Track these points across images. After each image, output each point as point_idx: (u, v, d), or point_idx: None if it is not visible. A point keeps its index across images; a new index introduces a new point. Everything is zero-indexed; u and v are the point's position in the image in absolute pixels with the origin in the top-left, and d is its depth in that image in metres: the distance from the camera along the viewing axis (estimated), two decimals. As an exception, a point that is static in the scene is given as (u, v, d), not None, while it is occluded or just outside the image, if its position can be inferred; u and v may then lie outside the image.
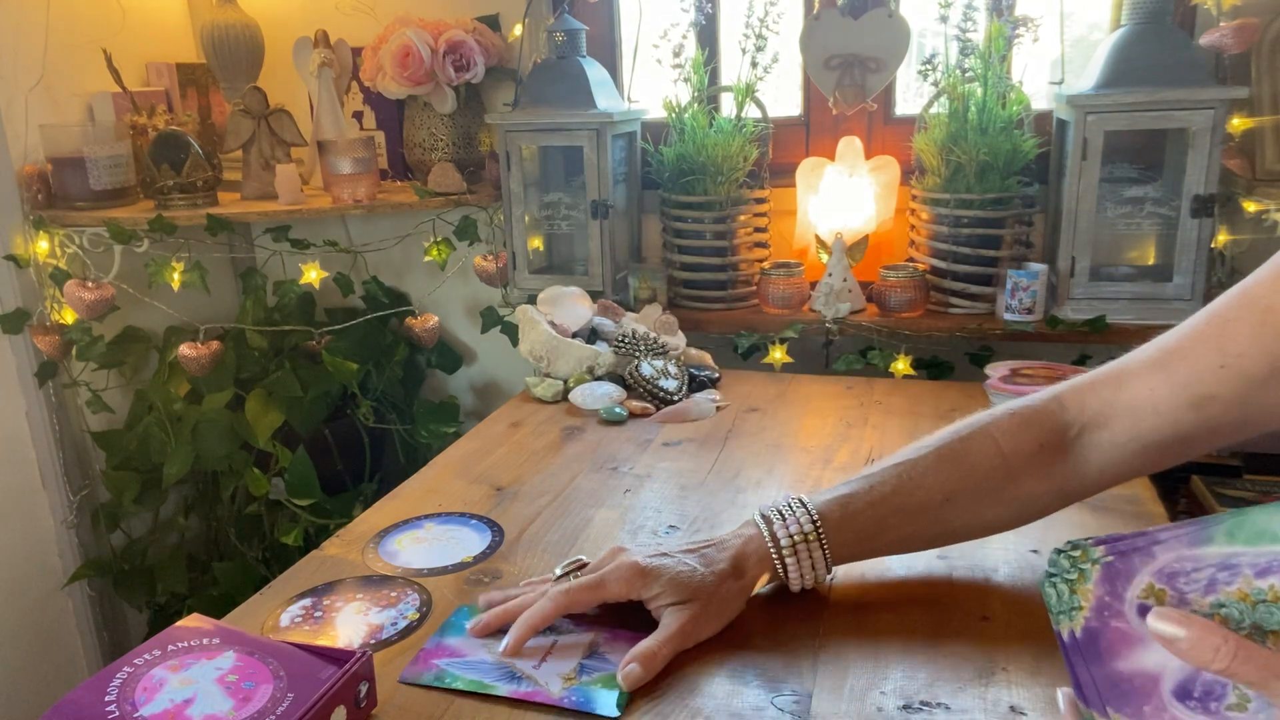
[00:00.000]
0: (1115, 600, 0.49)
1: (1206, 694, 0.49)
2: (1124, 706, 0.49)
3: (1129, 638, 0.49)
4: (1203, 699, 0.49)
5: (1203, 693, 0.49)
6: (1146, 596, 0.49)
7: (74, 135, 1.67)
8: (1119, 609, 0.49)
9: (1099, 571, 0.50)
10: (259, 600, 0.90)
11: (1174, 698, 0.49)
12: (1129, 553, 0.50)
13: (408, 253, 1.97)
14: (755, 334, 1.61)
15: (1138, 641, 0.49)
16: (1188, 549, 0.49)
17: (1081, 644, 0.50)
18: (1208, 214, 1.38)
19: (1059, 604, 0.50)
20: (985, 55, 1.47)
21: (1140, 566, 0.49)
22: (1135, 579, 0.49)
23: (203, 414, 1.76)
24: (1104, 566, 0.50)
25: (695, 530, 1.00)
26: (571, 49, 1.63)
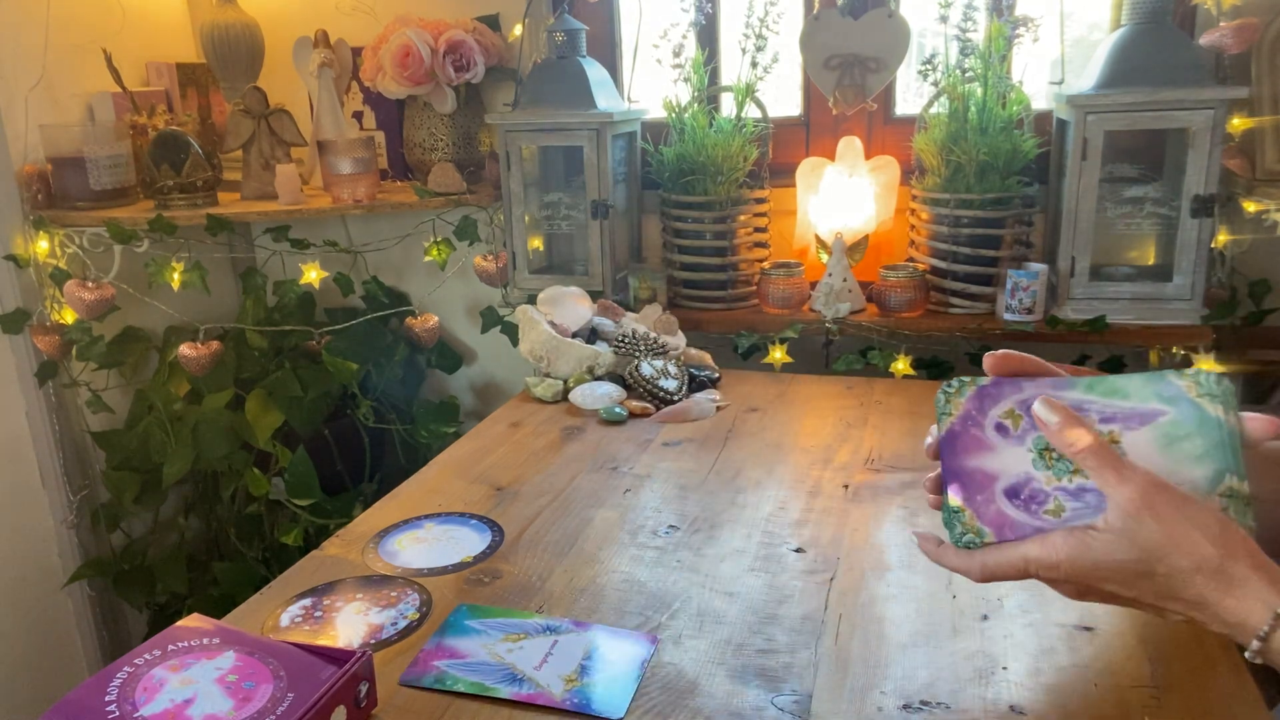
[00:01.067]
0: (979, 415, 0.62)
1: (1030, 498, 0.62)
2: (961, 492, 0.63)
3: (981, 443, 0.62)
4: (1026, 501, 0.62)
5: (1028, 496, 0.62)
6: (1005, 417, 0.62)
7: (74, 135, 1.67)
8: (980, 421, 0.62)
9: (972, 391, 0.63)
10: (259, 600, 0.90)
11: (1004, 495, 0.63)
12: (1001, 384, 0.62)
13: (408, 253, 1.97)
14: (755, 334, 1.61)
15: (987, 448, 0.62)
16: (1050, 390, 0.61)
17: (944, 440, 0.63)
18: (1208, 214, 1.38)
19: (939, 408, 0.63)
20: (985, 55, 1.47)
21: (1007, 395, 0.62)
22: (1000, 403, 0.62)
23: (203, 414, 1.76)
24: (978, 389, 0.63)
25: (695, 530, 1.00)
26: (571, 49, 1.63)
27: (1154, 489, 0.59)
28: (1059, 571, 0.62)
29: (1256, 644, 0.57)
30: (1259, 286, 1.51)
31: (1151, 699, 0.71)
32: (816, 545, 0.96)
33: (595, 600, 0.88)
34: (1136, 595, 0.61)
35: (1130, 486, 0.59)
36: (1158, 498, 0.59)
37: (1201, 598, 0.59)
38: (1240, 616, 0.58)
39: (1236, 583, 0.58)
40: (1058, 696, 0.72)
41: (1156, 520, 0.58)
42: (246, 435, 1.75)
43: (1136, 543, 0.59)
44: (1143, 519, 0.59)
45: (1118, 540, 0.59)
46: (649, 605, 0.87)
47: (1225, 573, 0.58)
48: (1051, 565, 0.62)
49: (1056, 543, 0.62)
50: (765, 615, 0.84)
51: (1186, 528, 0.58)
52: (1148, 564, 0.59)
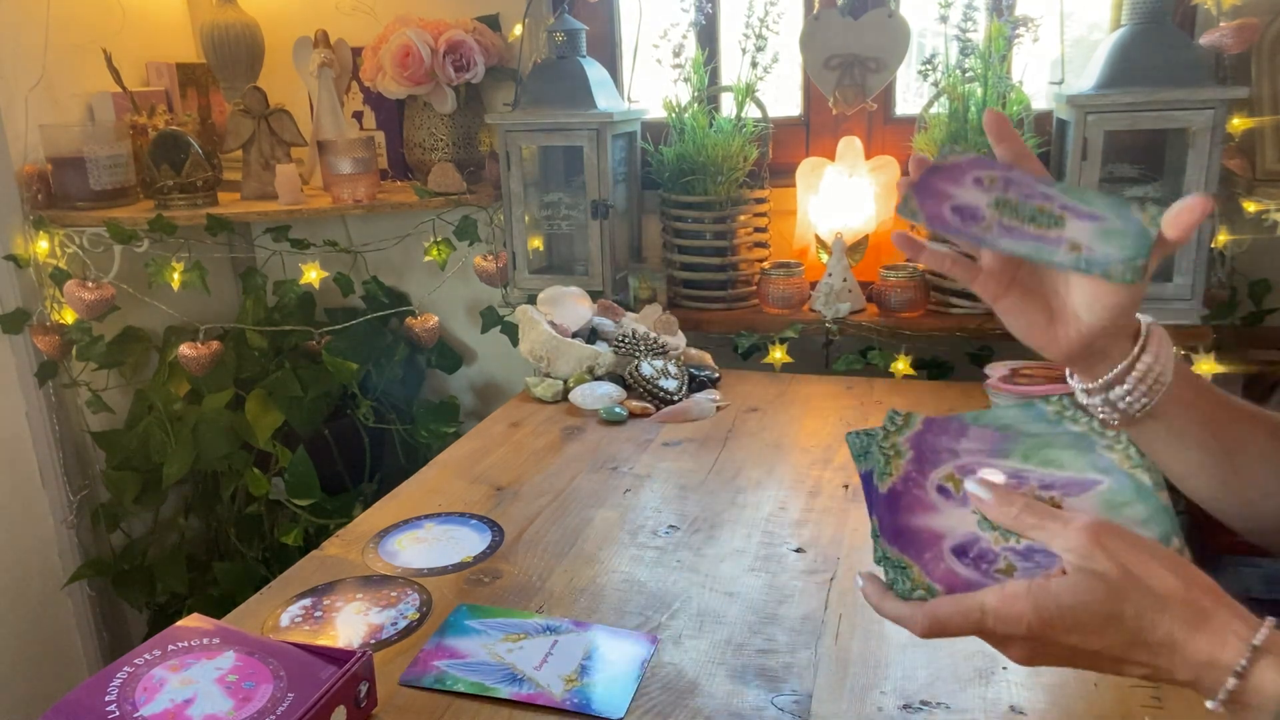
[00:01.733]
0: (920, 476, 0.63)
1: (980, 557, 0.61)
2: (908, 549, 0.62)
3: (924, 504, 0.63)
4: (975, 560, 0.61)
5: (977, 555, 0.61)
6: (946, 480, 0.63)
7: (74, 135, 1.66)
8: (921, 483, 0.63)
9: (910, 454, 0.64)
10: (259, 600, 0.90)
11: (952, 554, 0.62)
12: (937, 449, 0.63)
13: (408, 253, 1.97)
14: (755, 334, 1.61)
15: (931, 508, 0.62)
16: (987, 458, 0.63)
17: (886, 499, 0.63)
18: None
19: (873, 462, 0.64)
20: (985, 55, 1.47)
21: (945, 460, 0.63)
22: (940, 468, 0.63)
23: (203, 414, 1.76)
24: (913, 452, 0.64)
25: (695, 530, 1.00)
26: (571, 49, 1.63)
27: (1099, 526, 0.56)
28: (1020, 625, 0.56)
29: (1233, 682, 0.53)
30: (1259, 286, 1.51)
31: (1151, 699, 0.71)
32: (816, 545, 0.96)
33: (595, 600, 0.88)
34: (1101, 647, 0.56)
35: (1074, 528, 0.56)
36: (1105, 533, 0.56)
37: (1170, 638, 0.54)
38: (1210, 654, 0.53)
39: (1204, 615, 0.54)
40: (1058, 696, 0.72)
41: (1109, 554, 0.55)
42: (246, 435, 1.75)
43: (1099, 578, 0.55)
44: (1096, 555, 0.55)
45: (1080, 581, 0.55)
46: (649, 605, 0.87)
47: (1192, 604, 0.54)
48: (1013, 618, 0.56)
49: (1018, 592, 0.57)
50: (765, 615, 0.84)
51: (1143, 557, 0.55)
52: (1115, 603, 0.55)
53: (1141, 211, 0.64)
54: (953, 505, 0.62)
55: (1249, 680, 0.52)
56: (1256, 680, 0.52)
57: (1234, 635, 0.53)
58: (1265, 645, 0.53)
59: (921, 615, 0.60)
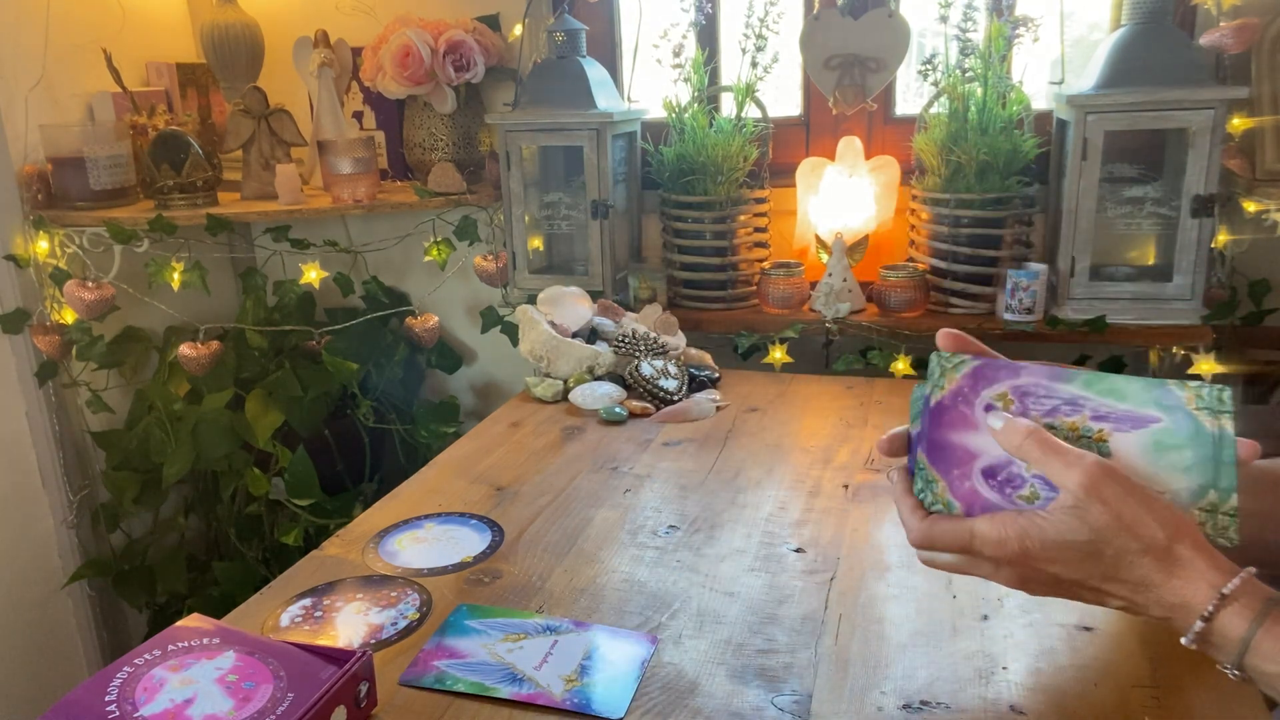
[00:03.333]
0: (971, 393, 0.62)
1: (1006, 480, 0.62)
2: (938, 463, 0.63)
3: (967, 420, 0.62)
4: (1002, 483, 0.62)
5: (1005, 478, 0.62)
6: (997, 399, 0.62)
7: (74, 135, 1.66)
8: (971, 399, 0.62)
9: (969, 368, 0.62)
10: (259, 600, 0.90)
11: (980, 474, 0.62)
12: (999, 366, 0.62)
13: (408, 253, 1.97)
14: (755, 334, 1.61)
15: (971, 426, 0.62)
16: (1047, 380, 0.61)
17: (934, 411, 0.63)
18: (1208, 214, 1.38)
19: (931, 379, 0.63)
20: (985, 55, 1.47)
21: (1002, 378, 0.62)
22: (994, 386, 0.62)
23: (203, 414, 1.76)
24: (974, 368, 0.62)
25: (695, 530, 1.00)
26: (571, 49, 1.63)
27: (1101, 473, 0.59)
28: (1005, 549, 0.61)
29: (1200, 625, 0.58)
30: (1259, 286, 1.51)
31: (1151, 699, 0.71)
32: (816, 545, 0.96)
33: (595, 600, 0.88)
34: (1080, 577, 0.61)
35: (1077, 470, 0.59)
36: (1105, 481, 0.59)
37: (1146, 579, 0.59)
38: (1183, 597, 0.58)
39: (1181, 563, 0.59)
40: (1058, 696, 0.72)
41: (1104, 503, 0.59)
42: (246, 435, 1.75)
43: (1086, 523, 0.59)
44: (1091, 502, 0.59)
45: (1068, 521, 0.59)
46: (649, 605, 0.87)
47: (1171, 553, 0.59)
48: (999, 541, 0.61)
49: (1006, 520, 0.61)
50: (765, 615, 0.84)
51: (1135, 510, 0.59)
52: (1096, 545, 0.59)
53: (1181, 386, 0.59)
54: None
55: (1214, 624, 0.58)
56: (1221, 624, 0.57)
57: (1206, 582, 0.58)
58: (1233, 593, 0.57)
59: (920, 527, 0.65)
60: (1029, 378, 0.62)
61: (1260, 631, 0.56)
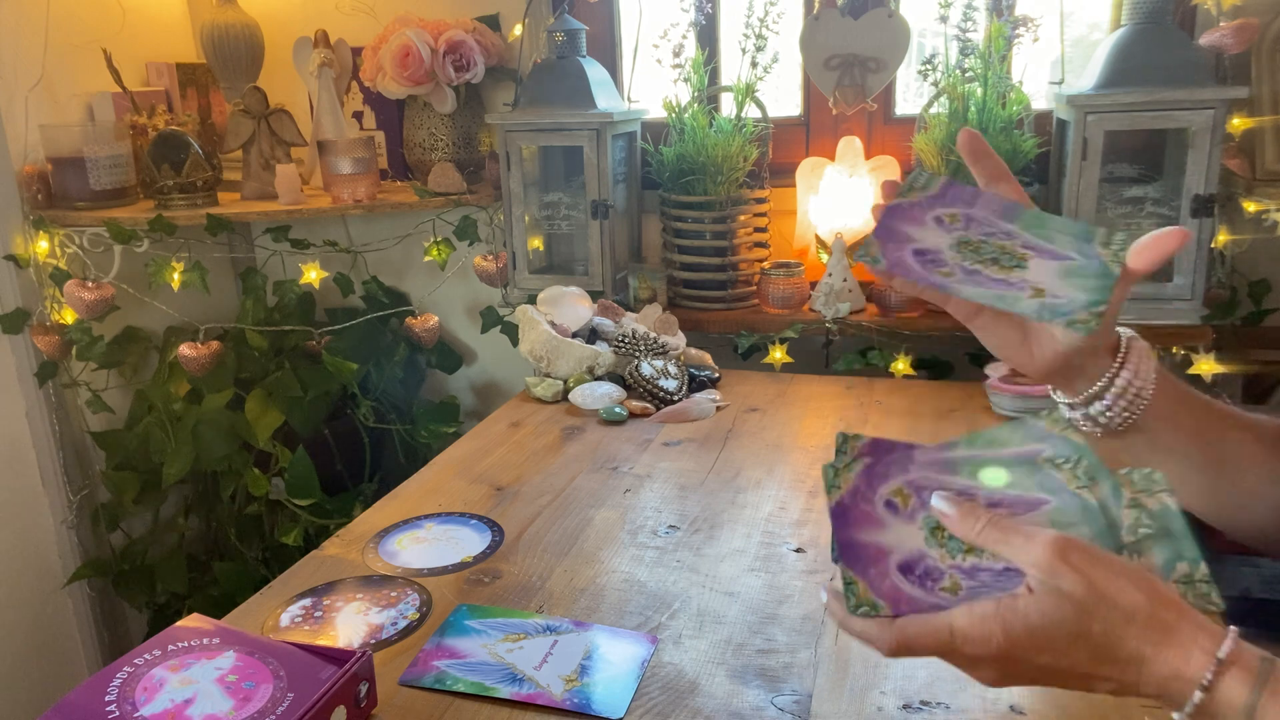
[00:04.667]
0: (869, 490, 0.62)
1: (925, 574, 0.61)
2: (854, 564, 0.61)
3: (871, 519, 0.62)
4: (921, 577, 0.61)
5: (923, 572, 0.61)
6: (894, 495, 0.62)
7: (74, 135, 1.66)
8: (870, 497, 0.62)
9: (860, 467, 0.63)
10: (259, 600, 0.90)
11: (898, 570, 0.61)
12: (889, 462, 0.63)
13: (408, 253, 1.97)
14: (755, 334, 1.61)
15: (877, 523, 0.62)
16: (935, 474, 0.62)
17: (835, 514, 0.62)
18: (1208, 214, 1.38)
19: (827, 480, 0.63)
20: (985, 55, 1.47)
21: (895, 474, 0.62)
22: (889, 481, 0.62)
23: (203, 414, 1.76)
24: (865, 466, 0.63)
25: (695, 530, 1.00)
26: (571, 49, 1.63)
27: (1064, 541, 0.56)
28: (989, 645, 0.56)
29: (1199, 695, 0.53)
30: (1259, 286, 1.51)
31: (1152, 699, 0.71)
32: (816, 545, 0.96)
33: (595, 600, 0.88)
34: (1069, 665, 0.56)
35: (1038, 544, 0.56)
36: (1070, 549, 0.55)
37: (1137, 653, 0.55)
38: (1175, 668, 0.54)
39: (1169, 630, 0.54)
40: (1058, 696, 0.72)
41: (1075, 570, 0.55)
42: (246, 435, 1.75)
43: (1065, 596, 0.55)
44: (1062, 571, 0.55)
45: (1048, 599, 0.55)
46: (649, 605, 0.87)
47: (1157, 620, 0.54)
48: (982, 638, 0.56)
49: (986, 612, 0.56)
50: (765, 615, 0.84)
51: (1107, 573, 0.55)
52: (1082, 621, 0.55)
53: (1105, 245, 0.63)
54: (900, 521, 0.62)
55: (1215, 693, 0.53)
56: (1222, 693, 0.53)
57: (1199, 649, 0.54)
58: (1229, 658, 0.53)
59: (889, 634, 0.59)
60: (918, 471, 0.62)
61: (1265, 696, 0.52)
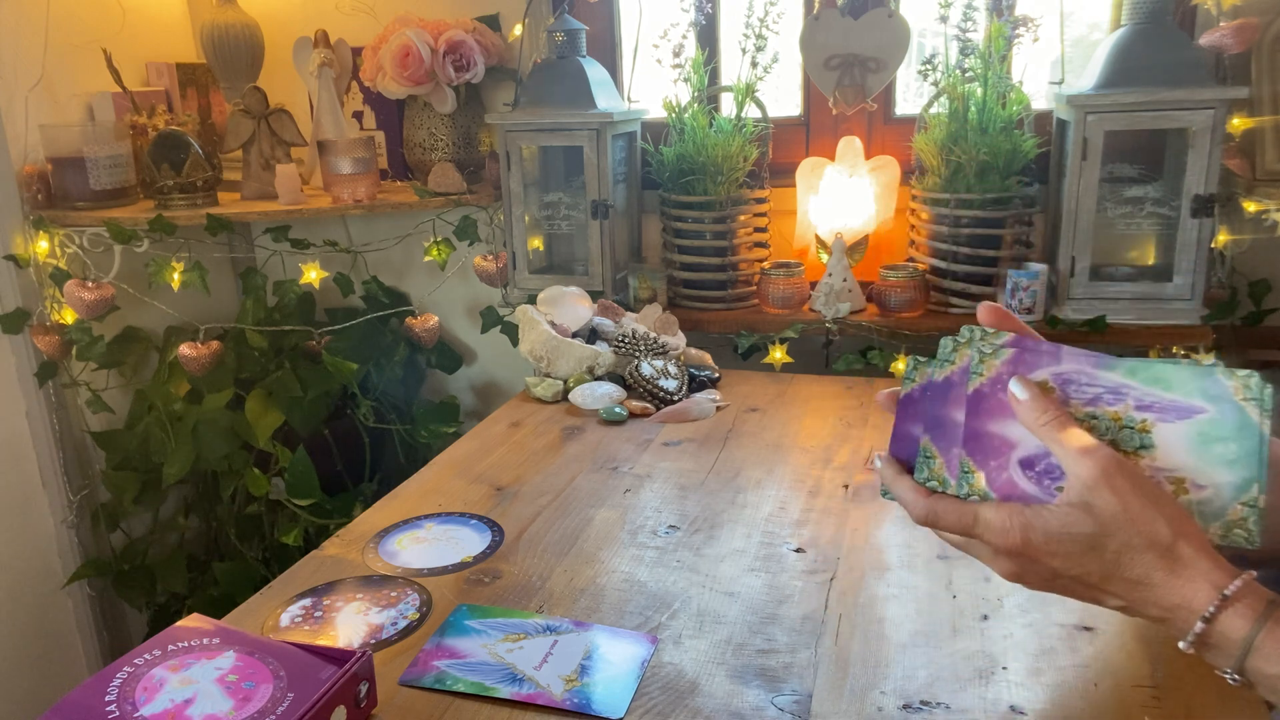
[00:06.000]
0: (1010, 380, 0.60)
1: (1045, 472, 0.60)
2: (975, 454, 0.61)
3: (1006, 409, 0.60)
4: (1040, 474, 0.60)
5: (1043, 469, 0.60)
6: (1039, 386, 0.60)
7: (74, 135, 1.66)
8: None
9: (1009, 355, 0.60)
10: (259, 600, 0.90)
11: (1018, 464, 0.61)
12: (1040, 351, 0.60)
13: (408, 253, 1.97)
14: (755, 334, 1.61)
15: (1011, 415, 0.60)
16: (1089, 367, 0.59)
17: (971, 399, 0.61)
18: (1208, 214, 1.38)
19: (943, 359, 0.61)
20: (985, 55, 1.47)
21: (1043, 364, 0.60)
22: (1036, 372, 0.60)
23: (203, 414, 1.76)
24: (1014, 354, 0.60)
25: (695, 530, 1.00)
26: (571, 49, 1.63)
27: (1114, 464, 0.58)
28: (1007, 539, 0.60)
29: (1200, 625, 0.56)
30: (1259, 286, 1.51)
31: (1152, 699, 0.71)
32: (816, 545, 0.96)
33: (595, 600, 0.88)
34: (1080, 573, 0.60)
35: (1090, 460, 0.58)
36: (1117, 473, 0.58)
37: (1147, 576, 0.58)
38: (1184, 596, 0.57)
39: (1184, 562, 0.57)
40: (1058, 696, 0.72)
41: (1114, 493, 0.58)
42: (246, 435, 1.75)
43: (1092, 514, 0.58)
44: (1100, 491, 0.58)
45: (1074, 512, 0.59)
46: (649, 605, 0.87)
47: (1174, 552, 0.58)
48: (1002, 530, 0.60)
49: (1013, 509, 0.60)
50: (765, 615, 0.84)
51: (1142, 504, 0.58)
52: (1100, 539, 0.58)
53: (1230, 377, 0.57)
54: None
55: (1215, 625, 0.56)
56: (1222, 625, 0.56)
57: (1208, 582, 0.57)
58: (1235, 595, 0.56)
59: (923, 505, 0.63)
60: (1070, 364, 0.60)
61: (1263, 633, 0.56)
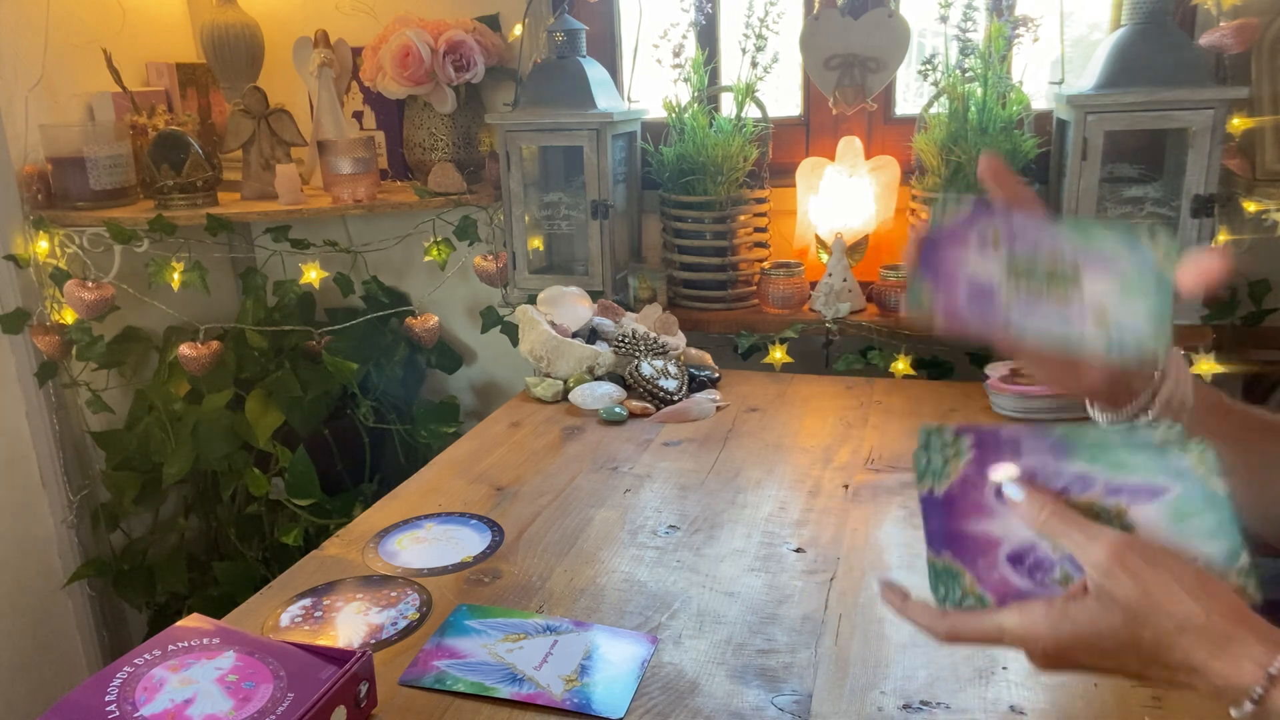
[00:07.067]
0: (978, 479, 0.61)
1: (1036, 565, 0.60)
2: (962, 554, 0.61)
3: (982, 508, 0.61)
4: (1032, 568, 0.60)
5: (1033, 563, 0.60)
6: None
7: (74, 135, 1.66)
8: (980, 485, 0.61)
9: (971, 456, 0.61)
10: (259, 600, 0.90)
11: (1007, 561, 0.61)
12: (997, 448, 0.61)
13: (408, 253, 1.97)
14: (755, 334, 1.61)
15: (988, 513, 0.61)
16: (1051, 459, 0.60)
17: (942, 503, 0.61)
18: (1208, 214, 1.38)
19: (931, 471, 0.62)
20: (985, 55, 1.47)
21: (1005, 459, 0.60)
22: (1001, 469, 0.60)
23: (203, 414, 1.76)
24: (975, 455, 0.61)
25: (695, 530, 1.00)
26: (571, 49, 1.63)
27: (1124, 544, 0.56)
28: (1038, 645, 0.58)
29: (1250, 706, 0.53)
30: (1259, 286, 1.51)
31: (1151, 699, 0.71)
32: (816, 545, 0.96)
33: (595, 600, 0.88)
34: (1118, 665, 0.57)
35: (1099, 544, 0.57)
36: (1129, 553, 0.56)
37: (1188, 661, 0.55)
38: (1228, 679, 0.54)
39: (1223, 641, 0.54)
40: (1058, 696, 0.72)
41: (1131, 575, 0.55)
42: (246, 435, 1.75)
43: (1118, 602, 0.56)
44: (1117, 575, 0.55)
45: (1098, 605, 0.56)
46: (649, 605, 0.87)
47: (1211, 630, 0.55)
48: (1031, 639, 0.58)
49: (1036, 614, 0.58)
50: (765, 615, 0.84)
51: (1165, 580, 0.55)
52: (1132, 629, 0.56)
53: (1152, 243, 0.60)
54: None
55: (1266, 705, 0.53)
56: (1273, 702, 0.53)
57: (1251, 661, 0.53)
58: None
59: (943, 627, 0.61)
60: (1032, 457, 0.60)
61: None
